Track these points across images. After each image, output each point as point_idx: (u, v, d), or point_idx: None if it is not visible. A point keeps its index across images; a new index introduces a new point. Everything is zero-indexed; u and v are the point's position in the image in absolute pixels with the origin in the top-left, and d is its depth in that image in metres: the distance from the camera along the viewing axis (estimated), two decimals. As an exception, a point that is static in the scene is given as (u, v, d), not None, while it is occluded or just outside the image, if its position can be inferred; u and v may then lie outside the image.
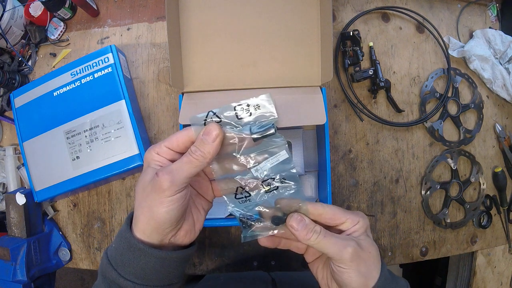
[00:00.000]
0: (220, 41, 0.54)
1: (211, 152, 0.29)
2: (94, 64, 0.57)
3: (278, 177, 0.32)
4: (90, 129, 0.57)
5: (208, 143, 0.29)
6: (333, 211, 0.32)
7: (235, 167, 0.32)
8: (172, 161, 0.30)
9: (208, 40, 0.54)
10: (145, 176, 0.30)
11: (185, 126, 0.54)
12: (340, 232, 0.33)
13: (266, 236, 0.34)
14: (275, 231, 0.34)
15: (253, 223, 0.33)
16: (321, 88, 0.55)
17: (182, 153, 0.30)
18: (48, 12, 0.62)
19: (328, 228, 0.32)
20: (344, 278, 0.31)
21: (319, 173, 0.60)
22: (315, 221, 0.32)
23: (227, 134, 0.31)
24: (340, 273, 0.31)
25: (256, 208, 0.33)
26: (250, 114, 0.32)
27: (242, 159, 0.32)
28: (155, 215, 0.29)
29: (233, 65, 0.55)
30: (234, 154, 0.32)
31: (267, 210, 0.33)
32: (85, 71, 0.58)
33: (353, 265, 0.30)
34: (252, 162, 0.32)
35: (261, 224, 0.33)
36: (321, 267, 0.36)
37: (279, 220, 0.33)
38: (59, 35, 0.64)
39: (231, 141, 0.31)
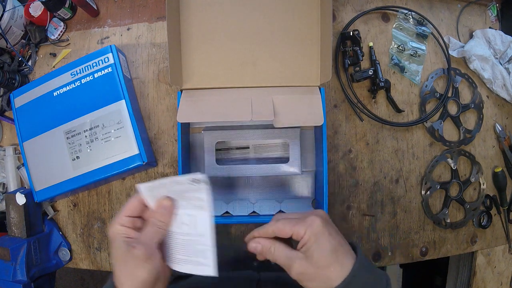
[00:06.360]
0: (220, 40, 0.54)
1: (170, 220, 0.37)
2: (94, 64, 0.57)
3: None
4: (90, 129, 0.57)
5: (167, 214, 0.37)
6: (278, 228, 0.37)
7: None
8: (134, 227, 0.36)
9: (208, 38, 0.54)
10: (119, 250, 0.35)
11: (183, 124, 0.54)
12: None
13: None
14: None
15: None
16: (320, 88, 0.55)
17: (139, 216, 0.37)
18: (48, 12, 0.62)
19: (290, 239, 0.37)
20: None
21: (316, 173, 0.60)
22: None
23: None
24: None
25: None
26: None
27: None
28: (139, 278, 0.34)
29: (233, 63, 0.55)
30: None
31: None
32: (85, 71, 0.58)
33: (302, 280, 0.35)
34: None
35: None
36: None
37: None
38: (59, 35, 0.64)
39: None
